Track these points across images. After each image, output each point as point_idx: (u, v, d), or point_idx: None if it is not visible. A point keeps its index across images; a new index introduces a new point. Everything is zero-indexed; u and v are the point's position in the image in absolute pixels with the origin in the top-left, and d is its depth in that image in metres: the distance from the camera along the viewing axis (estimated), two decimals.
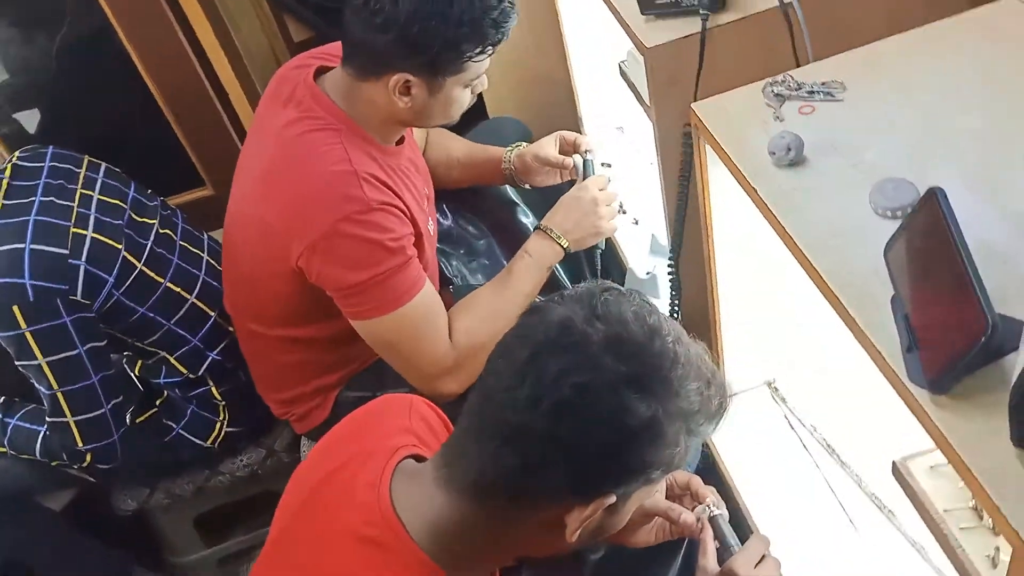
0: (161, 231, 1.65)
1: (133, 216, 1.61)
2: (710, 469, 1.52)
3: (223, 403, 1.70)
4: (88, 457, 1.53)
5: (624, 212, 1.96)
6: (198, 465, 1.77)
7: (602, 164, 1.96)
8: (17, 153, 1.61)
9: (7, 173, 1.55)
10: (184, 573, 1.96)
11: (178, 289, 1.62)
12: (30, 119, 2.21)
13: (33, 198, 1.51)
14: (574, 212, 1.50)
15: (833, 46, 1.15)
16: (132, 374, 1.71)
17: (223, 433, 1.72)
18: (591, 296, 0.78)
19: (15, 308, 1.42)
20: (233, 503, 1.88)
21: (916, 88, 1.06)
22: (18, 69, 2.17)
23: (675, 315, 1.61)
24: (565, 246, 1.49)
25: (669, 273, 1.55)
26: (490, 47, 1.34)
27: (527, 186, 1.72)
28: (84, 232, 1.50)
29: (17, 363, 1.47)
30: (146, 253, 1.58)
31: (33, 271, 1.42)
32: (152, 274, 1.58)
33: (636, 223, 1.97)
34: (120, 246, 1.54)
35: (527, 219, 1.81)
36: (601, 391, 0.74)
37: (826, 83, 1.09)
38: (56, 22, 2.07)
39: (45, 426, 1.53)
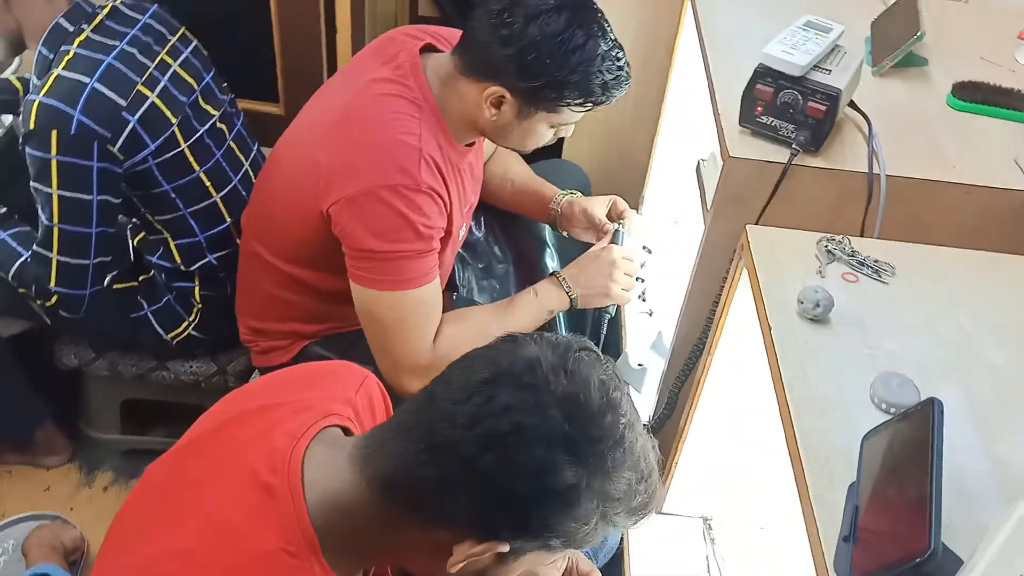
0: (218, 124, 1.67)
1: (199, 99, 1.63)
2: (615, 568, 1.50)
3: (199, 306, 1.70)
4: (55, 299, 1.52)
5: (643, 300, 1.96)
6: (150, 353, 1.77)
7: (643, 247, 1.97)
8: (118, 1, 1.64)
9: (105, 11, 1.57)
10: (89, 448, 1.94)
11: (208, 183, 1.63)
12: None
13: (118, 43, 1.53)
14: (590, 268, 1.52)
15: (901, 231, 1.15)
16: (130, 242, 1.72)
17: (186, 333, 1.71)
18: (568, 348, 0.78)
19: (54, 132, 1.43)
20: (164, 403, 1.87)
21: (960, 304, 1.06)
22: None
23: (649, 424, 1.60)
24: (572, 297, 1.51)
25: (672, 389, 1.54)
26: (591, 104, 1.37)
27: (565, 234, 1.73)
28: (148, 94, 1.52)
29: (32, 183, 1.47)
30: (194, 138, 1.60)
31: (86, 108, 1.44)
32: (191, 159, 1.60)
33: (650, 314, 1.96)
34: (174, 121, 1.55)
35: (551, 263, 1.82)
36: (537, 440, 0.73)
37: (879, 262, 1.09)
38: None
39: (29, 253, 1.53)
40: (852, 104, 1.32)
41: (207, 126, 1.63)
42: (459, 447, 0.74)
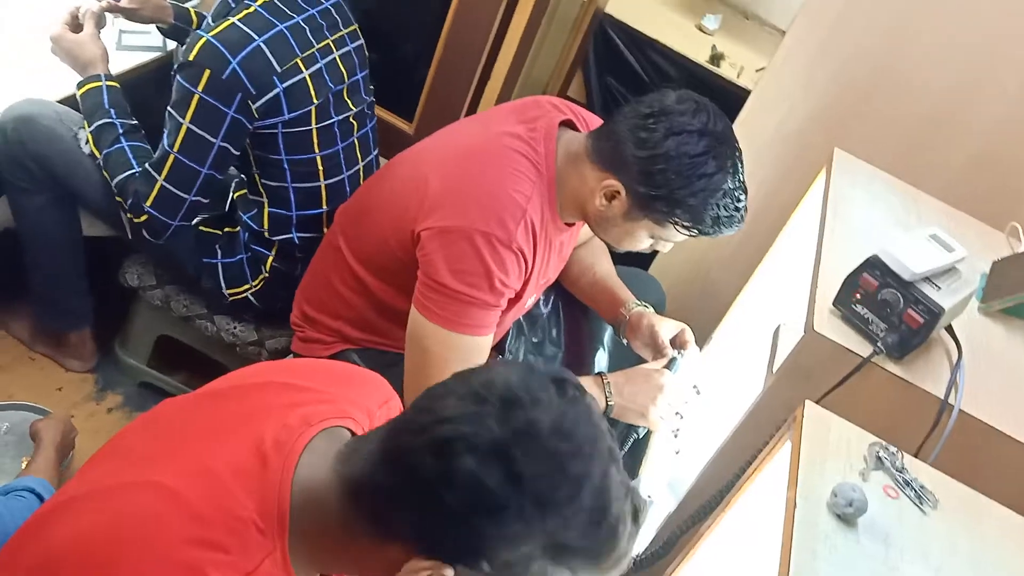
0: (351, 120, 1.73)
1: (344, 91, 1.70)
2: None
3: (266, 275, 1.74)
4: (144, 218, 1.58)
5: (676, 436, 1.93)
6: (204, 300, 1.81)
7: (694, 386, 1.94)
8: None
9: None
10: (111, 366, 1.98)
11: (321, 168, 1.69)
12: None
13: (295, 17, 1.62)
14: (637, 383, 1.51)
15: (957, 468, 1.11)
16: (231, 194, 1.78)
17: (244, 295, 1.75)
18: (543, 375, 0.77)
19: (208, 71, 1.50)
20: (194, 352, 1.90)
21: (992, 567, 1.01)
22: None
23: (638, 558, 1.55)
24: (610, 403, 1.49)
25: (675, 532, 1.49)
26: (696, 231, 1.39)
27: (625, 342, 1.73)
28: (303, 69, 1.59)
29: (169, 108, 1.55)
30: (325, 123, 1.66)
31: (244, 60, 1.51)
32: (315, 140, 1.66)
33: (677, 454, 1.92)
34: (316, 101, 1.62)
35: (600, 364, 1.81)
36: (471, 449, 0.71)
37: (925, 488, 1.06)
38: None
39: (140, 169, 1.60)
40: (949, 328, 1.30)
41: (340, 117, 1.70)
42: (409, 454, 0.74)
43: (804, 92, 1.91)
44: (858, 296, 1.23)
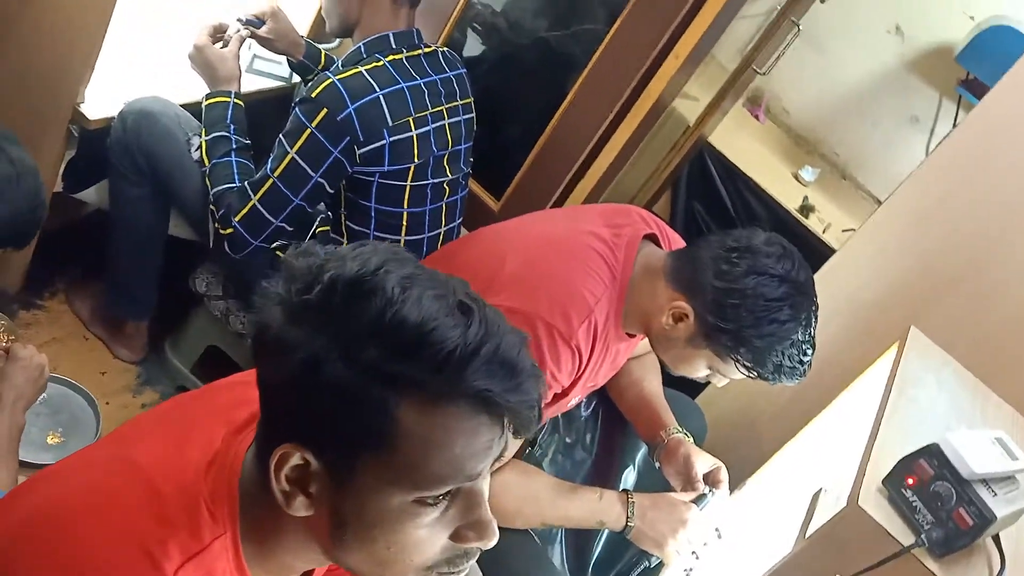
0: (444, 185, 1.78)
1: (445, 157, 1.75)
2: None
3: None
4: (230, 231, 1.63)
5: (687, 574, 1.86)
6: None
7: (716, 528, 1.89)
8: (447, 49, 1.81)
9: (426, 50, 1.75)
10: (157, 364, 2.01)
11: (405, 225, 1.73)
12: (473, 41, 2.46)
13: (418, 79, 1.69)
14: (661, 510, 1.47)
15: None
16: (314, 227, 1.82)
17: None
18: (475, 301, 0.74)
19: (325, 110, 1.57)
20: (239, 369, 1.92)
21: None
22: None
23: None
24: (630, 524, 1.46)
25: None
26: (756, 374, 1.39)
27: (657, 465, 1.69)
28: (412, 129, 1.65)
29: (281, 135, 1.61)
30: (419, 183, 1.71)
31: (361, 108, 1.57)
32: (406, 197, 1.70)
33: None
34: (416, 161, 1.67)
35: (627, 482, 1.77)
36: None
37: None
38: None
39: (239, 185, 1.66)
40: (996, 538, 1.24)
41: (435, 180, 1.75)
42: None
43: (889, 263, 1.89)
44: (910, 481, 1.19)
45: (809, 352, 1.37)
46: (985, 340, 1.80)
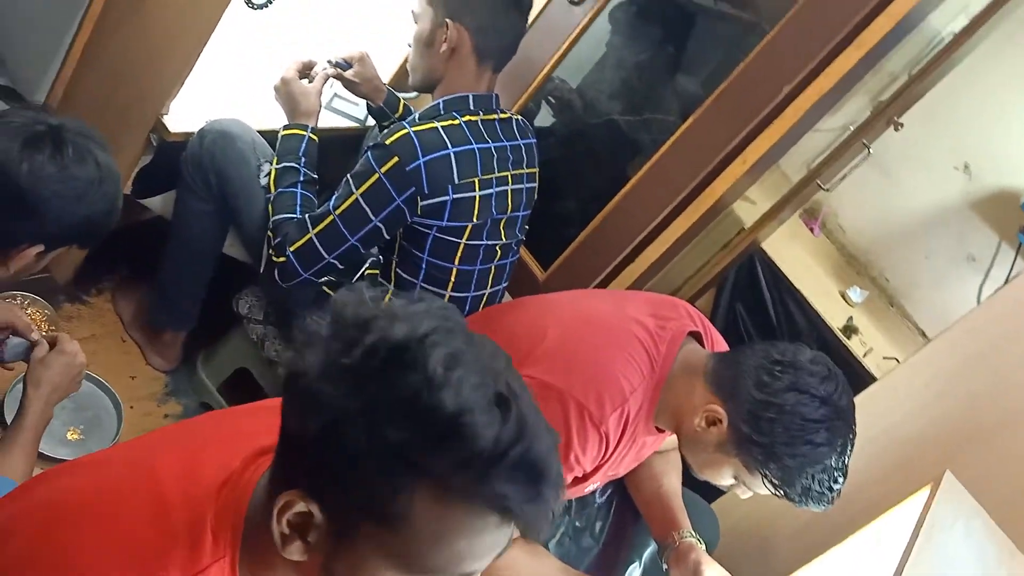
0: (497, 248, 1.79)
1: (503, 221, 1.77)
2: None
3: None
4: (282, 260, 1.65)
5: None
6: None
7: None
8: (520, 117, 1.85)
9: (501, 116, 1.78)
10: (185, 376, 2.03)
11: (452, 280, 1.74)
12: (545, 113, 2.49)
13: (490, 143, 1.72)
14: None
15: None
16: (363, 269, 1.84)
17: None
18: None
19: (396, 158, 1.60)
20: (264, 395, 1.92)
21: None
22: (626, 75, 2.41)
23: None
24: None
25: None
26: (782, 493, 1.36)
27: (664, 566, 1.65)
28: (475, 189, 1.67)
29: (349, 174, 1.64)
30: (474, 243, 1.72)
31: (431, 162, 1.60)
32: (458, 254, 1.72)
33: None
34: (474, 221, 1.69)
35: None
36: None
37: None
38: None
39: (299, 216, 1.68)
40: None
41: (489, 242, 1.76)
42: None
43: (931, 402, 1.86)
44: None
45: (840, 480, 1.34)
46: (1019, 496, 1.75)
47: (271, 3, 1.60)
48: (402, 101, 2.02)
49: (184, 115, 1.74)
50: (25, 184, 1.07)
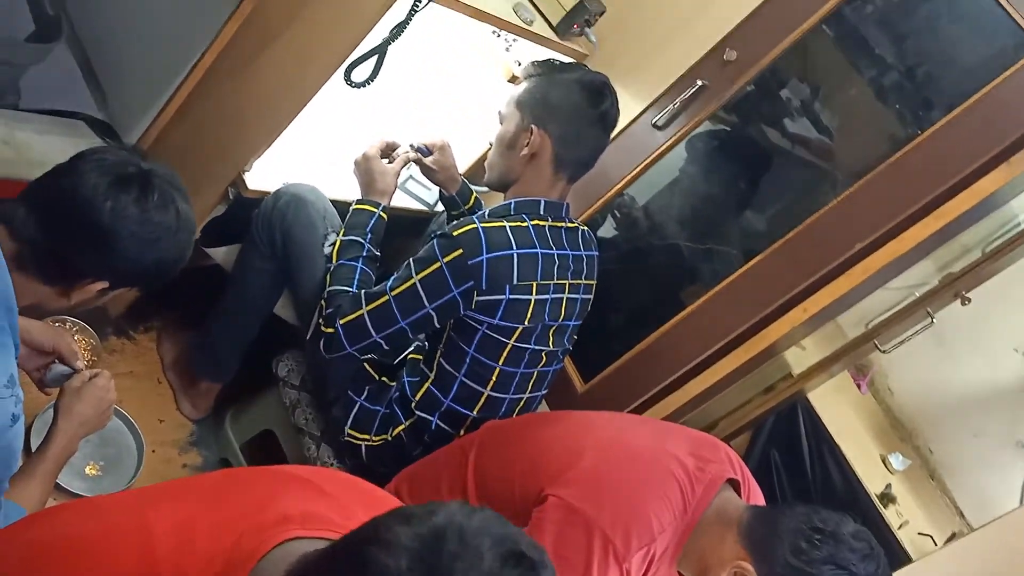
0: (543, 354, 1.77)
1: (553, 328, 1.76)
2: None
3: (388, 437, 1.75)
4: (330, 331, 1.65)
5: None
6: (324, 425, 1.83)
7: None
8: (587, 229, 1.86)
9: (568, 224, 1.79)
10: (211, 430, 2.02)
11: (493, 380, 1.72)
12: (609, 225, 2.51)
13: (554, 250, 1.72)
14: None
15: None
16: (407, 351, 1.83)
17: (358, 443, 1.76)
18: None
19: (460, 251, 1.60)
20: (285, 460, 1.90)
21: None
22: (697, 201, 2.41)
23: None
24: None
25: None
26: None
27: None
28: (531, 293, 1.66)
29: (411, 259, 1.65)
30: (521, 345, 1.70)
31: (493, 260, 1.60)
32: (504, 354, 1.70)
33: None
34: (526, 324, 1.68)
35: None
36: None
37: None
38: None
39: (355, 291, 1.69)
40: None
41: (536, 347, 1.74)
42: None
43: None
44: None
45: None
46: None
47: (369, 84, 1.64)
48: (474, 193, 2.05)
49: (264, 173, 1.78)
50: (106, 220, 1.09)
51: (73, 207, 1.09)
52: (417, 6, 1.52)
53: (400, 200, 2.09)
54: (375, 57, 1.62)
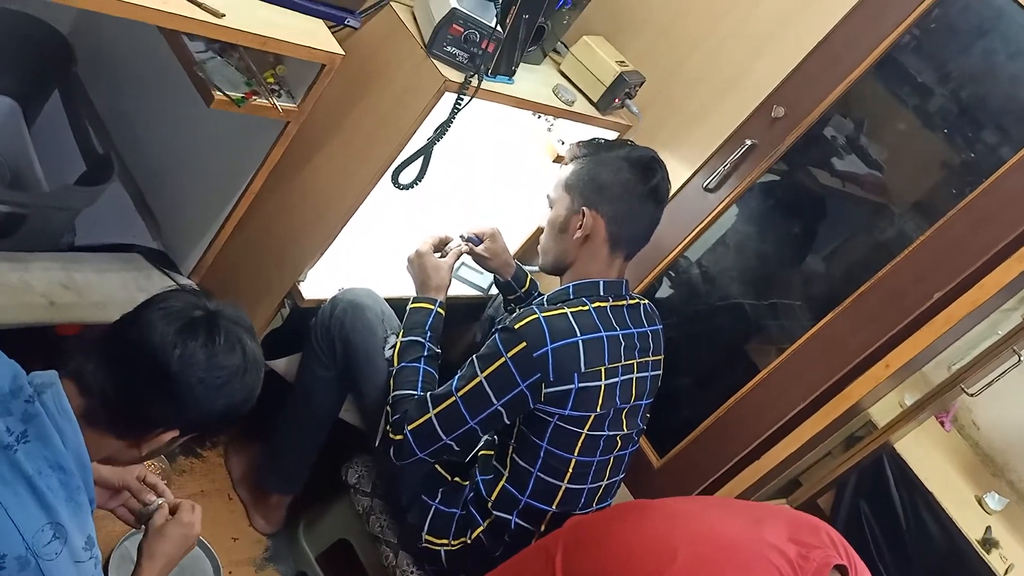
0: (618, 438, 1.71)
1: (625, 411, 1.70)
2: None
3: (467, 541, 1.69)
4: (399, 437, 1.61)
5: None
6: (400, 531, 1.78)
7: None
8: (648, 302, 1.80)
9: (630, 302, 1.74)
10: (285, 542, 1.98)
11: (570, 472, 1.66)
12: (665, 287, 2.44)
13: (618, 331, 1.67)
14: None
15: None
16: (478, 449, 1.78)
17: (437, 548, 1.70)
18: None
19: (523, 344, 1.56)
20: (363, 571, 1.85)
21: None
22: (750, 260, 2.35)
23: None
24: None
25: None
26: None
27: None
28: (601, 379, 1.61)
29: (474, 356, 1.61)
30: (595, 433, 1.65)
31: (559, 350, 1.55)
32: (579, 444, 1.64)
33: None
34: (598, 411, 1.62)
35: None
36: None
37: None
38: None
39: (420, 393, 1.65)
40: None
41: (611, 432, 1.68)
42: None
43: None
44: None
45: None
46: None
47: (417, 185, 1.63)
48: (529, 276, 2.01)
49: (319, 281, 1.77)
50: (175, 369, 1.07)
51: (142, 358, 1.07)
52: (459, 105, 1.51)
53: (455, 289, 2.06)
54: (420, 158, 1.60)
